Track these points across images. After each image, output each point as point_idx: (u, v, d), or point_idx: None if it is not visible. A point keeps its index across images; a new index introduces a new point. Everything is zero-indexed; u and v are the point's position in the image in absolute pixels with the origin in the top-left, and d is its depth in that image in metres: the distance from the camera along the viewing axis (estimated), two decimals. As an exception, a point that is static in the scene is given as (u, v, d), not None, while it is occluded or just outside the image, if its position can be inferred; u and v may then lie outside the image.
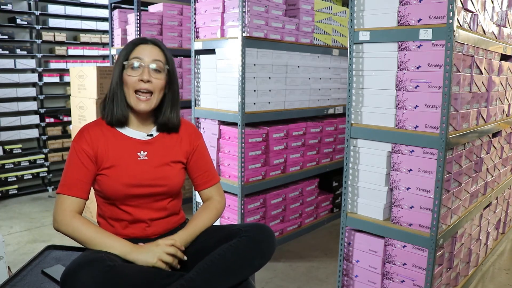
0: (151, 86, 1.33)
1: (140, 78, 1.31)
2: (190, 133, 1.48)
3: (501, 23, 2.39)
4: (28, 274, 1.36)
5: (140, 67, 1.32)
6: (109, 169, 1.32)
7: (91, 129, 1.36)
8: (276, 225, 3.01)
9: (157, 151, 1.39)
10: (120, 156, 1.34)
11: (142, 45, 1.35)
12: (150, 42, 1.37)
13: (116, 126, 1.38)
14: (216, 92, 2.83)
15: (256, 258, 1.25)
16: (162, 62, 1.35)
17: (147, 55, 1.33)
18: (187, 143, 1.45)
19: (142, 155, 1.37)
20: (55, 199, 1.31)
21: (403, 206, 1.94)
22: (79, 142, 1.33)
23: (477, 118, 2.16)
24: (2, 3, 4.10)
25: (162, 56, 1.36)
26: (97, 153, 1.33)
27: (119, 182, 1.31)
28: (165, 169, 1.38)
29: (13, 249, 2.94)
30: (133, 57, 1.33)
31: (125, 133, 1.38)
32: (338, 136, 3.43)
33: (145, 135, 1.39)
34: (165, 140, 1.42)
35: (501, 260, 2.82)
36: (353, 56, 2.05)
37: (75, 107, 3.37)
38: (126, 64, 1.34)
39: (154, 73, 1.33)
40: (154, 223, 1.39)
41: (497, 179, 2.66)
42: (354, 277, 2.15)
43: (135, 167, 1.34)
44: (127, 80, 1.33)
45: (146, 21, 3.66)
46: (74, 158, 1.32)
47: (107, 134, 1.36)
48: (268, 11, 2.70)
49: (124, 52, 1.35)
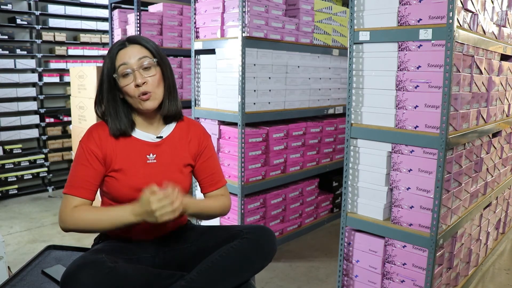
0: (148, 86, 1.29)
1: (135, 83, 1.27)
2: (199, 135, 1.45)
3: (501, 23, 2.38)
4: (28, 274, 1.36)
5: (130, 73, 1.28)
6: (117, 172, 1.30)
7: (100, 129, 1.33)
8: (276, 225, 3.01)
9: (166, 154, 1.37)
10: (129, 159, 1.32)
11: (121, 51, 1.30)
12: (128, 43, 1.32)
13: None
14: (216, 92, 2.83)
15: (257, 260, 1.25)
16: (148, 56, 1.31)
17: (130, 57, 1.29)
18: (195, 145, 1.43)
19: (151, 158, 1.34)
20: (62, 200, 1.30)
21: (403, 206, 1.94)
22: (87, 143, 1.31)
23: (477, 118, 2.16)
24: (2, 3, 4.10)
25: (145, 51, 1.31)
26: (106, 154, 1.30)
27: (127, 186, 1.30)
28: (174, 173, 1.36)
29: (13, 249, 2.94)
30: (119, 65, 1.29)
31: (134, 135, 1.35)
32: (338, 136, 3.43)
33: (154, 137, 1.37)
34: (174, 142, 1.39)
35: (501, 260, 2.81)
36: (353, 56, 2.05)
37: (75, 107, 3.37)
38: (116, 76, 1.29)
39: (145, 72, 1.29)
40: (157, 225, 1.37)
41: (497, 179, 2.66)
42: (354, 277, 2.15)
43: (144, 171, 1.32)
44: (126, 90, 1.29)
45: (146, 21, 3.66)
46: (82, 159, 1.30)
47: (115, 136, 1.33)
48: (268, 11, 2.70)
49: (108, 65, 1.30)
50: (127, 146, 1.33)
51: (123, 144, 1.33)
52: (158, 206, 1.16)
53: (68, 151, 4.61)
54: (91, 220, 1.24)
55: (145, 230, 1.36)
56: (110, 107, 1.32)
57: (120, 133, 1.32)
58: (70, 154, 4.60)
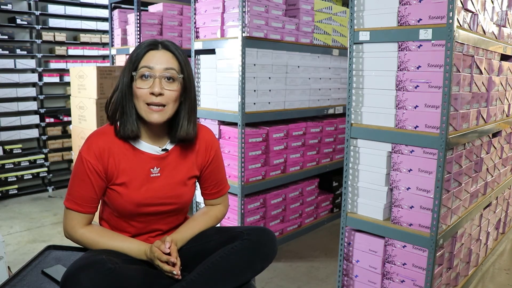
0: (163, 99, 1.20)
1: (151, 91, 1.19)
2: (207, 143, 1.37)
3: (501, 23, 2.38)
4: (28, 274, 1.36)
5: (150, 77, 1.20)
6: (120, 186, 1.26)
7: (100, 141, 1.25)
8: (276, 225, 3.01)
9: (171, 167, 1.31)
10: (132, 173, 1.26)
11: (151, 52, 1.22)
12: (161, 46, 1.23)
13: (128, 139, 1.27)
14: (216, 92, 2.83)
15: (257, 261, 1.25)
16: (176, 70, 1.22)
17: (157, 63, 1.20)
18: (202, 155, 1.37)
19: (155, 172, 1.28)
20: (63, 210, 1.29)
21: (403, 206, 1.94)
22: (87, 156, 1.23)
23: (477, 118, 2.16)
24: (2, 3, 4.10)
25: (175, 63, 1.22)
26: (107, 169, 1.24)
27: (130, 201, 1.26)
28: (178, 186, 1.32)
29: (13, 249, 2.94)
30: (142, 66, 1.20)
31: (138, 147, 1.28)
32: (338, 136, 3.43)
33: (159, 149, 1.29)
34: (180, 154, 1.32)
35: (501, 260, 2.81)
36: (353, 56, 2.05)
37: (75, 107, 3.37)
38: (135, 75, 1.21)
39: (167, 83, 1.20)
40: (159, 234, 1.37)
41: (497, 179, 2.66)
42: (354, 277, 2.15)
43: (147, 185, 1.27)
44: (136, 92, 1.21)
45: (146, 21, 3.66)
46: (81, 173, 1.24)
47: (118, 147, 1.26)
48: (268, 11, 2.70)
49: (133, 59, 1.22)
50: (130, 159, 1.27)
51: (126, 156, 1.27)
52: (161, 266, 1.20)
53: (68, 151, 4.61)
54: (100, 244, 1.26)
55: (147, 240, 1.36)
56: (120, 103, 1.24)
57: (129, 132, 1.24)
58: (70, 154, 4.60)
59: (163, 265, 1.20)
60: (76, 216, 1.27)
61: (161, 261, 1.20)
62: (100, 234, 1.28)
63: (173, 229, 1.38)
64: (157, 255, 1.20)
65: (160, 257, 1.20)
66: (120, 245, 1.26)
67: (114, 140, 1.26)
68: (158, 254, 1.20)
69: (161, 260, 1.20)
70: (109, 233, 1.30)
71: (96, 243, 1.26)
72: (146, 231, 1.35)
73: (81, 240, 1.28)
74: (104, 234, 1.28)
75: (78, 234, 1.27)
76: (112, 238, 1.28)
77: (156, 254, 1.21)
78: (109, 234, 1.29)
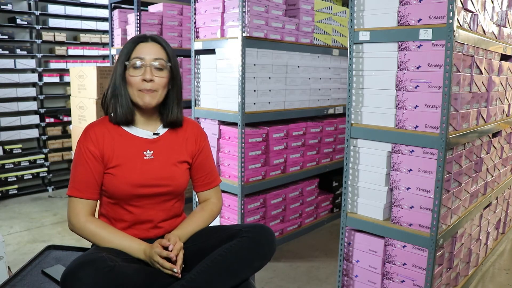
0: (154, 85, 1.32)
1: (143, 77, 1.31)
2: (196, 134, 1.47)
3: (501, 23, 2.39)
4: (28, 274, 1.36)
5: (142, 66, 1.32)
6: (115, 168, 1.32)
7: (96, 128, 1.35)
8: (276, 225, 3.01)
9: (163, 150, 1.39)
10: (126, 156, 1.34)
11: (142, 44, 1.34)
12: (150, 39, 1.36)
13: (122, 125, 1.37)
14: (216, 92, 2.83)
15: (256, 258, 1.26)
16: (164, 59, 1.34)
17: (148, 53, 1.32)
18: (192, 143, 1.45)
19: (148, 154, 1.36)
20: (67, 201, 1.33)
21: (403, 206, 1.94)
22: (84, 142, 1.33)
23: (477, 118, 2.16)
24: (2, 3, 4.10)
25: (163, 53, 1.35)
26: (103, 152, 1.32)
27: (125, 182, 1.31)
28: (171, 168, 1.38)
29: (13, 249, 2.94)
30: (134, 57, 1.32)
31: (131, 132, 1.37)
32: (338, 136, 3.43)
33: (151, 133, 1.39)
34: (171, 138, 1.42)
35: (501, 260, 2.82)
36: (353, 56, 2.05)
37: (75, 107, 3.37)
38: (127, 64, 1.33)
39: (156, 71, 1.32)
40: (157, 224, 1.38)
41: (497, 179, 2.66)
42: (354, 277, 2.15)
43: (141, 166, 1.34)
44: (130, 80, 1.32)
45: (146, 21, 3.66)
46: (81, 159, 1.32)
47: (112, 133, 1.35)
48: (268, 11, 2.70)
49: (125, 51, 1.34)
50: (125, 143, 1.35)
51: (120, 140, 1.35)
52: (161, 264, 1.21)
53: (68, 151, 4.61)
54: (102, 238, 1.28)
55: (147, 231, 1.37)
56: (115, 90, 1.34)
57: (120, 119, 1.34)
58: (70, 154, 4.60)
59: (163, 261, 1.20)
60: (78, 203, 1.31)
61: (161, 257, 1.21)
62: (103, 226, 1.31)
63: (170, 218, 1.41)
64: (158, 250, 1.21)
65: (161, 253, 1.21)
66: (121, 240, 1.28)
67: (109, 127, 1.37)
68: (159, 250, 1.21)
69: (161, 256, 1.21)
70: (111, 228, 1.33)
71: (98, 235, 1.28)
72: (144, 219, 1.36)
73: (83, 230, 1.30)
74: (106, 227, 1.31)
75: (82, 223, 1.29)
76: (114, 232, 1.31)
77: (157, 250, 1.22)
78: (111, 228, 1.32)
